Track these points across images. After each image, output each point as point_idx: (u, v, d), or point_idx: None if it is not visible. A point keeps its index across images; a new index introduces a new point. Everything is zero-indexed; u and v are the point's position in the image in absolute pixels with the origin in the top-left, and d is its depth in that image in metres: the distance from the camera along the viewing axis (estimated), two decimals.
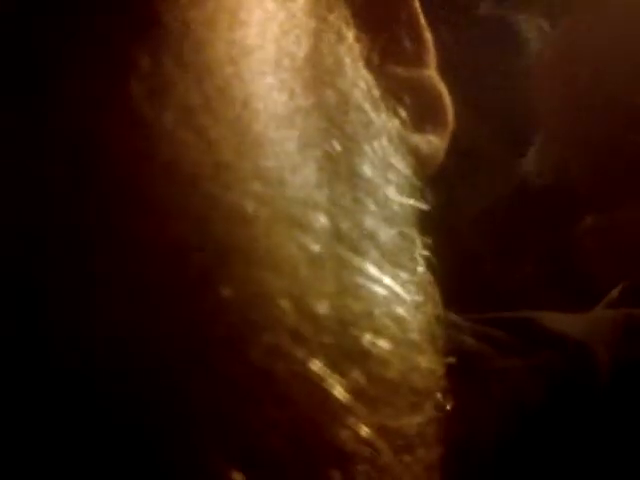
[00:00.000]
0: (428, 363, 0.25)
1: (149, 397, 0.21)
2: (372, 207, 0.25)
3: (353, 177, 0.25)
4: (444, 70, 0.31)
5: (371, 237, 0.25)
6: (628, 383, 0.31)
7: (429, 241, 0.28)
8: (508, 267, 0.79)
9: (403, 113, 0.28)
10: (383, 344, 0.24)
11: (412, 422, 0.24)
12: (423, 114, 0.29)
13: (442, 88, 0.31)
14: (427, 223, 0.28)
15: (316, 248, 0.23)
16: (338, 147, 0.25)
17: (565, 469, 0.30)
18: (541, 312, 0.36)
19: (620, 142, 0.78)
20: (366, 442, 0.23)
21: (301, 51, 0.25)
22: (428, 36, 0.31)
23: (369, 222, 0.25)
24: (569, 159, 0.79)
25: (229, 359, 0.22)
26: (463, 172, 0.74)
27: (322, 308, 0.23)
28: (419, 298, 0.26)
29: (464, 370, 0.33)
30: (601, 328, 0.34)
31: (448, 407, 0.32)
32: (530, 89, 0.79)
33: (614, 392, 0.31)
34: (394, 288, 0.25)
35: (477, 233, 0.76)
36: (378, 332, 0.24)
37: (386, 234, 0.25)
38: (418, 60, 0.30)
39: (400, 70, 0.29)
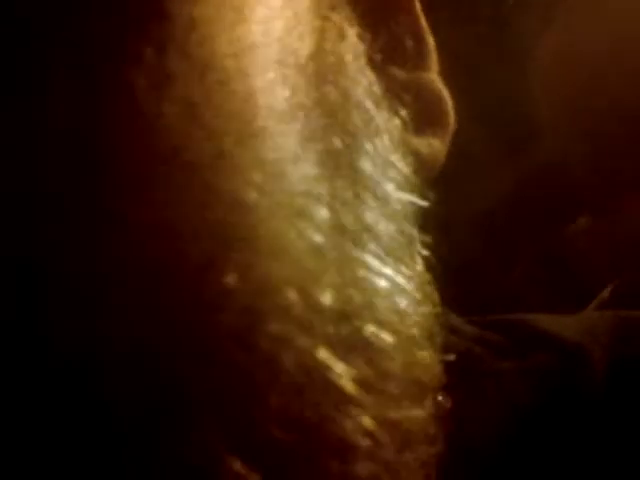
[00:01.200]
0: (428, 359, 0.25)
1: (151, 385, 0.21)
2: (372, 203, 0.26)
3: (354, 173, 0.26)
4: (443, 70, 0.31)
5: (372, 231, 0.25)
6: (623, 383, 0.31)
7: (429, 240, 0.28)
8: (503, 268, 0.79)
9: (404, 114, 0.29)
10: (386, 336, 0.24)
11: (414, 416, 0.24)
12: (423, 117, 0.30)
13: (443, 92, 0.31)
14: (427, 223, 0.28)
15: (318, 239, 0.23)
16: (339, 143, 0.25)
17: (561, 470, 0.30)
18: (535, 314, 0.36)
19: (617, 143, 0.78)
20: (368, 434, 0.23)
21: (305, 49, 0.26)
22: (430, 40, 0.31)
23: (370, 217, 0.25)
24: (565, 160, 0.80)
25: (233, 347, 0.22)
26: (459, 173, 0.74)
27: (326, 298, 0.23)
28: (418, 295, 0.26)
29: (459, 372, 0.33)
30: (596, 329, 0.34)
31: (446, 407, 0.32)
32: (528, 90, 0.79)
33: (609, 393, 0.31)
34: (396, 281, 0.25)
35: (473, 234, 0.76)
36: (381, 324, 0.24)
37: (386, 229, 0.26)
38: (419, 63, 0.30)
39: (401, 72, 0.30)
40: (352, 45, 0.28)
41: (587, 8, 0.81)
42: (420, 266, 0.27)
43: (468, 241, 0.75)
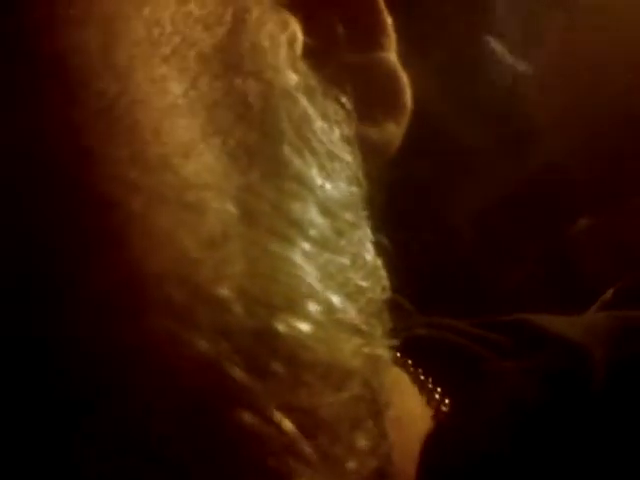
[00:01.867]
0: (361, 344, 0.25)
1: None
2: (303, 194, 0.25)
3: (278, 165, 0.25)
4: (442, 70, 0.31)
5: (299, 223, 0.25)
6: (623, 382, 0.32)
7: (382, 227, 0.28)
8: (504, 268, 0.79)
9: (348, 101, 0.28)
10: (303, 326, 0.24)
11: (333, 402, 0.24)
12: (375, 100, 0.29)
13: (400, 71, 0.30)
14: (382, 209, 0.28)
15: (214, 230, 0.23)
16: (256, 135, 0.25)
17: (562, 467, 0.30)
18: (538, 315, 0.36)
19: (618, 144, 0.78)
20: (271, 422, 0.22)
21: (209, 39, 0.25)
22: (387, 19, 0.30)
23: (298, 209, 0.25)
24: (566, 161, 0.80)
25: (112, 336, 0.22)
26: (460, 172, 0.74)
27: (221, 290, 0.23)
28: (363, 283, 0.26)
29: (462, 372, 0.33)
30: (597, 329, 0.35)
31: (444, 408, 0.32)
32: (529, 90, 0.79)
33: (610, 391, 0.32)
34: (328, 270, 0.25)
35: (473, 234, 0.76)
36: (297, 314, 0.24)
37: (319, 220, 0.25)
38: (375, 43, 0.30)
39: (351, 55, 0.29)
40: (274, 34, 0.27)
41: (588, 8, 0.81)
42: (369, 253, 0.27)
43: (468, 241, 0.75)
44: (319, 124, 0.27)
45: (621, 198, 0.80)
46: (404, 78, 0.30)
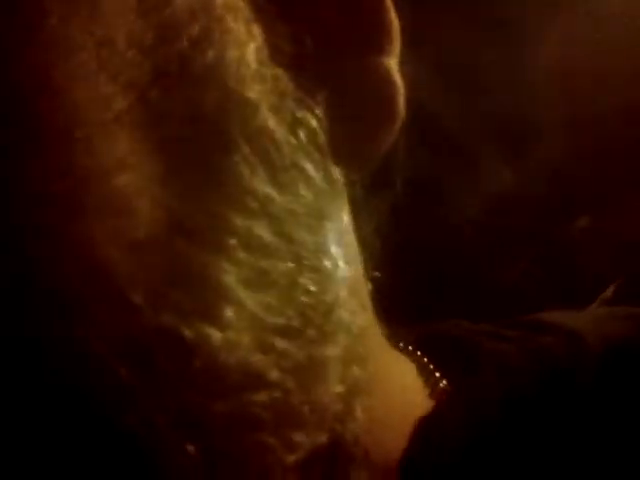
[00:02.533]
0: (294, 346, 0.25)
1: None
2: (249, 204, 0.25)
3: (225, 176, 0.25)
4: (441, 70, 0.31)
5: (237, 233, 0.25)
6: (618, 367, 0.32)
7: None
8: (503, 267, 0.79)
9: (322, 109, 0.27)
10: (213, 332, 0.24)
11: (214, 406, 0.24)
12: (365, 107, 0.29)
13: (395, 77, 0.29)
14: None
15: (138, 236, 0.23)
16: (204, 146, 0.25)
17: (556, 450, 0.31)
18: (548, 312, 0.37)
19: (618, 142, 0.78)
20: (147, 423, 0.23)
21: (171, 52, 0.25)
22: (392, 19, 0.29)
23: (239, 219, 0.25)
24: (566, 159, 0.80)
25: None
26: (459, 172, 0.74)
27: (135, 295, 0.23)
28: (313, 287, 0.26)
29: (463, 356, 0.33)
30: (598, 321, 0.35)
31: (442, 384, 0.33)
32: (529, 90, 0.79)
33: (605, 376, 0.32)
34: (254, 277, 0.25)
35: (473, 233, 0.76)
36: (209, 321, 0.24)
37: (263, 230, 0.25)
38: (374, 46, 0.29)
39: (346, 59, 0.28)
40: (245, 44, 0.26)
41: (588, 9, 0.81)
42: (327, 259, 0.27)
43: (469, 240, 0.75)
44: (281, 135, 0.26)
45: (621, 198, 0.80)
46: (399, 85, 0.29)
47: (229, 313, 0.24)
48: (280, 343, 0.25)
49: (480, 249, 0.75)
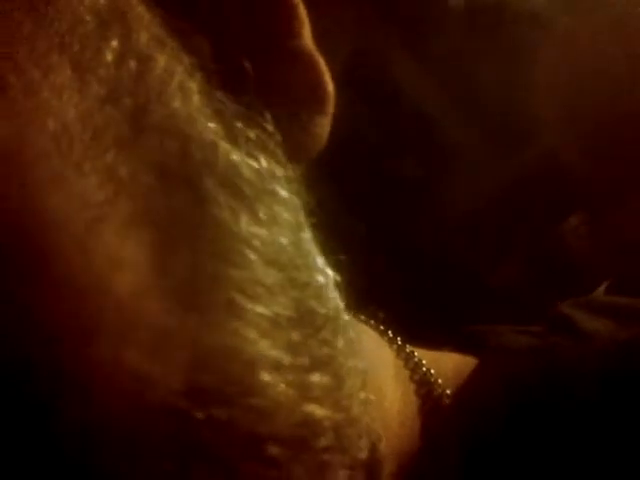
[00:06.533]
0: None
1: None
2: (241, 251, 0.25)
3: (211, 229, 0.25)
4: (436, 67, 0.31)
5: (241, 286, 0.24)
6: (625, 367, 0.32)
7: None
8: (499, 267, 0.79)
9: (269, 122, 0.27)
10: (258, 401, 0.24)
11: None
12: (296, 95, 0.28)
13: (315, 57, 0.29)
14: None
15: (151, 337, 0.23)
16: (182, 204, 0.24)
17: (552, 442, 0.31)
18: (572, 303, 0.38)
19: (617, 143, 0.78)
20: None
21: (122, 115, 0.24)
22: (295, 4, 0.28)
23: (238, 271, 0.25)
24: (564, 159, 0.80)
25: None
26: (454, 171, 0.74)
27: (171, 386, 0.23)
28: (314, 302, 0.26)
29: (478, 345, 0.34)
30: (617, 319, 0.35)
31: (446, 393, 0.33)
32: (526, 88, 0.79)
33: (608, 384, 0.32)
34: (268, 322, 0.25)
35: (466, 233, 0.77)
36: (252, 391, 0.24)
37: (263, 272, 0.25)
38: (284, 32, 0.28)
39: (263, 56, 0.28)
40: (186, 82, 0.26)
41: (588, 8, 0.82)
42: (319, 274, 0.27)
43: (462, 239, 0.75)
44: (245, 164, 0.26)
45: (615, 196, 0.80)
46: (321, 63, 0.29)
47: (266, 377, 0.24)
48: (313, 378, 0.25)
49: (476, 249, 0.76)
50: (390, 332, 0.35)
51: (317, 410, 0.25)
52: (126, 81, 0.24)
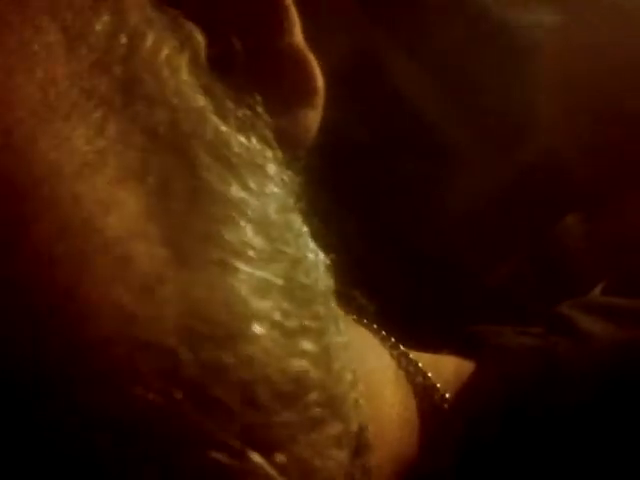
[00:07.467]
0: (311, 340, 0.25)
1: None
2: (232, 215, 0.25)
3: (201, 193, 0.25)
4: (433, 66, 0.31)
5: (233, 247, 0.25)
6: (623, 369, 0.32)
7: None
8: (493, 266, 0.79)
9: (258, 103, 0.28)
10: (250, 348, 0.24)
11: (290, 416, 0.24)
12: (287, 89, 0.29)
13: (306, 53, 0.29)
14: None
15: (147, 277, 0.23)
16: (172, 167, 0.25)
17: (546, 439, 0.31)
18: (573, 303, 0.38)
19: (616, 142, 0.78)
20: (235, 454, 0.23)
21: (110, 80, 0.25)
22: (287, 3, 0.29)
23: (229, 232, 0.25)
24: (557, 158, 0.80)
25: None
26: (450, 171, 0.74)
27: (163, 337, 0.23)
28: (307, 280, 0.26)
29: (477, 346, 0.34)
30: (616, 321, 0.36)
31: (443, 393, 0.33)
32: (524, 87, 0.79)
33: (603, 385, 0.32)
34: (263, 286, 0.25)
35: (465, 233, 0.77)
36: (243, 339, 0.24)
37: (253, 237, 0.25)
38: (276, 31, 0.29)
39: (257, 49, 0.29)
40: (175, 58, 0.26)
41: (588, 8, 0.82)
42: (309, 251, 0.27)
43: (458, 239, 0.75)
44: (234, 138, 0.26)
45: (611, 196, 0.80)
46: (311, 59, 0.29)
47: (257, 329, 0.24)
48: (303, 344, 0.25)
49: (475, 249, 0.76)
50: (392, 338, 0.35)
51: (307, 367, 0.25)
52: (116, 51, 0.25)
